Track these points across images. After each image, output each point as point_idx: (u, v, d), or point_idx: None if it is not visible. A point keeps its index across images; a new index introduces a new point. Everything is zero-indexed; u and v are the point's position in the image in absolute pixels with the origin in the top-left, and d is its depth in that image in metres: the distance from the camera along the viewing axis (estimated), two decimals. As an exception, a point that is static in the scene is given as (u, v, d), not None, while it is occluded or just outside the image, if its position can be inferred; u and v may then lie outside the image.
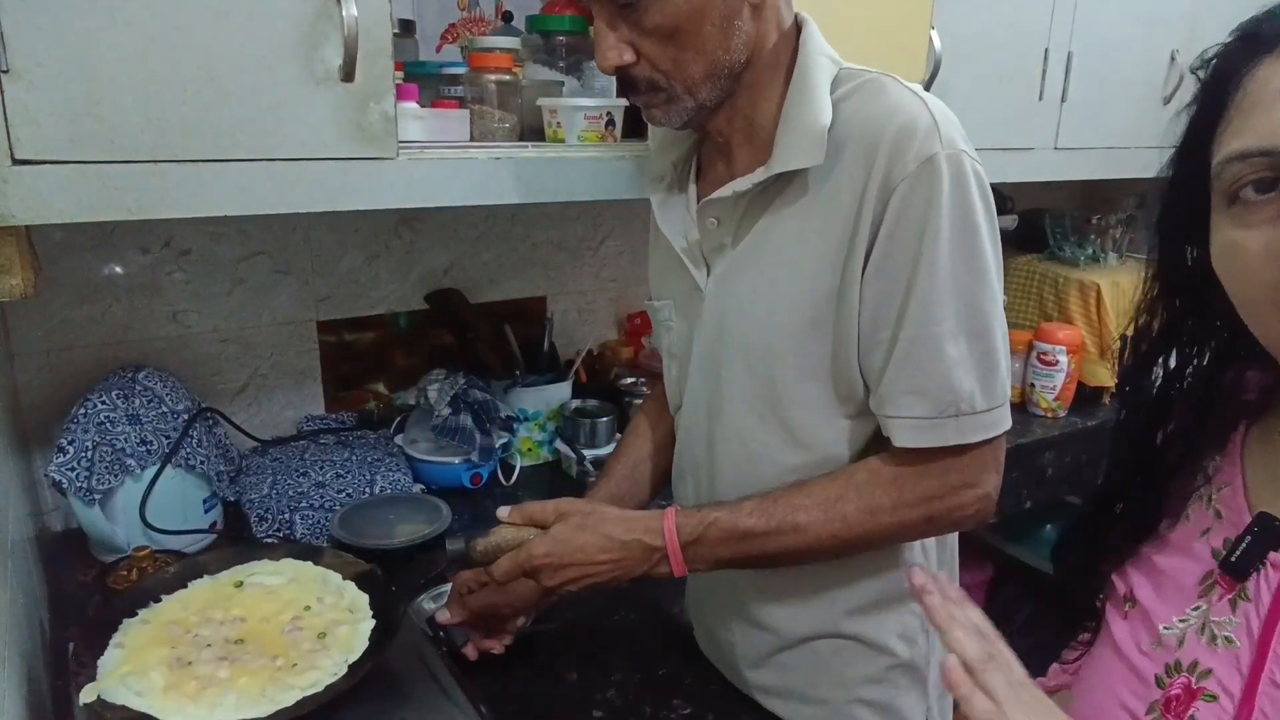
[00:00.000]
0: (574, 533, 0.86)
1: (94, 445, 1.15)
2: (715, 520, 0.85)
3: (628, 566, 0.87)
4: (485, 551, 0.88)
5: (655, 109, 0.86)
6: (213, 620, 0.83)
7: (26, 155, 0.84)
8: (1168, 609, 0.64)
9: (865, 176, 0.79)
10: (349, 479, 1.35)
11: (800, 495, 0.85)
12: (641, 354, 1.79)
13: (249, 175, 0.94)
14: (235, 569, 0.91)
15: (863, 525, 0.84)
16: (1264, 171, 0.53)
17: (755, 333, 0.88)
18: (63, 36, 0.83)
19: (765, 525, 0.85)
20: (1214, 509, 0.65)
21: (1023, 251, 2.15)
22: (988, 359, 0.81)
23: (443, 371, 1.51)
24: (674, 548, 0.86)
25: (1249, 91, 0.55)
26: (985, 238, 0.81)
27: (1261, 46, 0.56)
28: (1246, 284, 0.55)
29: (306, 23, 0.93)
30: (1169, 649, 0.62)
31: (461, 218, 1.60)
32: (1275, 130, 0.53)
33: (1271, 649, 0.57)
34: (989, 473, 0.84)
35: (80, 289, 1.31)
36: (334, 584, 0.89)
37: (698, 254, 0.93)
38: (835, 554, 0.87)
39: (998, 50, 1.62)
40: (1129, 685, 0.64)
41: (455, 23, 1.60)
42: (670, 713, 0.96)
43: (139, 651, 0.79)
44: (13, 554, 0.95)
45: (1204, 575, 0.62)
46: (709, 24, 0.80)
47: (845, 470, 0.87)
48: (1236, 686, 0.58)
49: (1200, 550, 0.64)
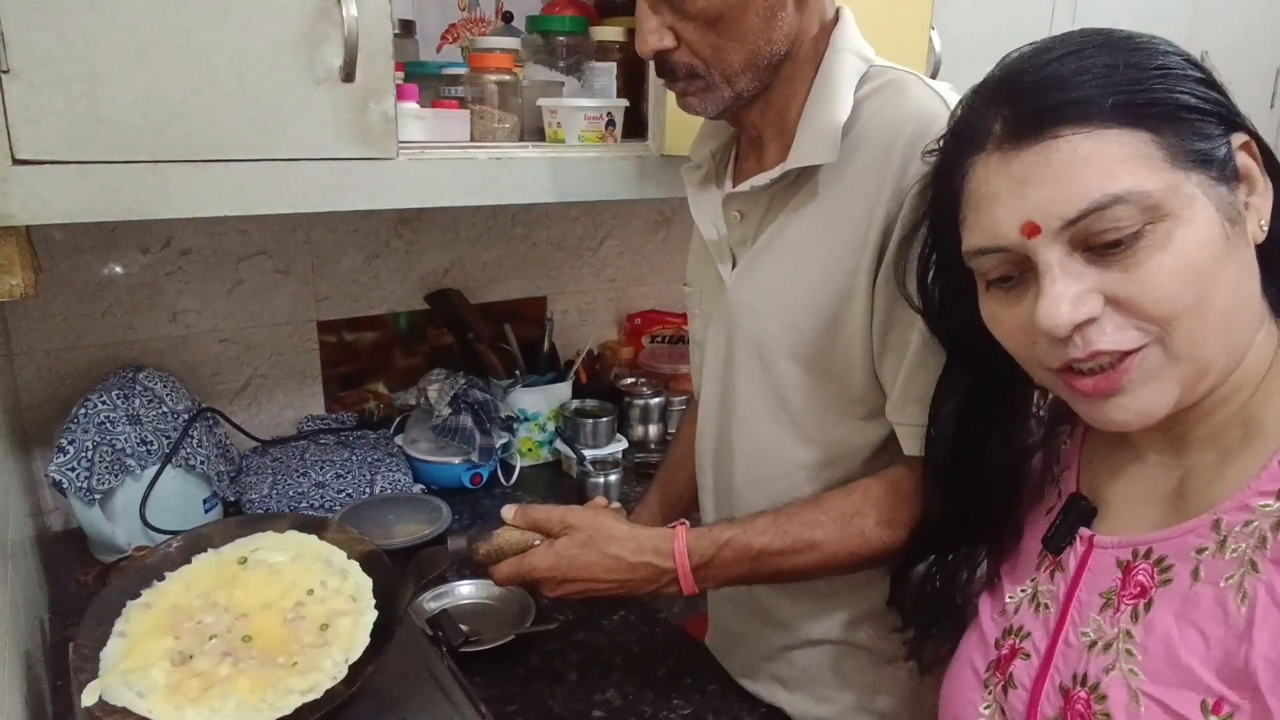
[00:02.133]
0: (580, 550, 0.84)
1: (94, 445, 1.15)
2: (728, 541, 0.84)
3: (634, 587, 0.85)
4: (488, 554, 0.88)
5: (692, 97, 0.85)
6: (216, 605, 0.82)
7: (26, 155, 0.84)
8: (1015, 582, 0.72)
9: (880, 178, 0.78)
10: (349, 479, 1.35)
11: (816, 511, 0.83)
12: (641, 354, 1.79)
13: (249, 175, 0.94)
14: (238, 542, 0.89)
15: (881, 541, 0.82)
16: (1003, 268, 0.61)
17: (766, 329, 0.88)
18: (63, 36, 0.83)
19: (780, 544, 0.83)
20: (1057, 489, 0.73)
21: (1022, 252, 2.15)
22: None
23: (443, 371, 1.51)
24: (684, 569, 0.84)
25: (971, 189, 0.61)
26: None
27: (972, 145, 0.61)
28: (1010, 346, 0.64)
29: (306, 23, 0.93)
30: (1008, 615, 0.70)
31: (461, 218, 1.60)
32: (998, 232, 0.59)
33: (1069, 613, 0.64)
34: None
35: (80, 289, 1.31)
36: (338, 565, 0.88)
37: (724, 247, 0.93)
38: (853, 569, 0.85)
39: (998, 50, 1.60)
40: (979, 648, 0.72)
41: (455, 23, 1.60)
42: (670, 713, 0.96)
43: (141, 642, 0.78)
44: (13, 554, 0.95)
45: (1040, 551, 0.70)
46: (753, 13, 0.79)
47: (863, 484, 0.85)
48: (1044, 645, 0.65)
49: (1041, 527, 0.71)
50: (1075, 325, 0.56)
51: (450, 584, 1.15)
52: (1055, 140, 0.56)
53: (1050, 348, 0.59)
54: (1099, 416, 0.60)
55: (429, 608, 1.11)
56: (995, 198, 0.59)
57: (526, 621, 1.07)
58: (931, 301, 0.73)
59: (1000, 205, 0.59)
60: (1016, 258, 0.59)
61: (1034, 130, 0.57)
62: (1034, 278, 0.58)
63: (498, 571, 0.87)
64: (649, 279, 1.85)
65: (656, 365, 1.75)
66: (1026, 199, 0.57)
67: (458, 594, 1.14)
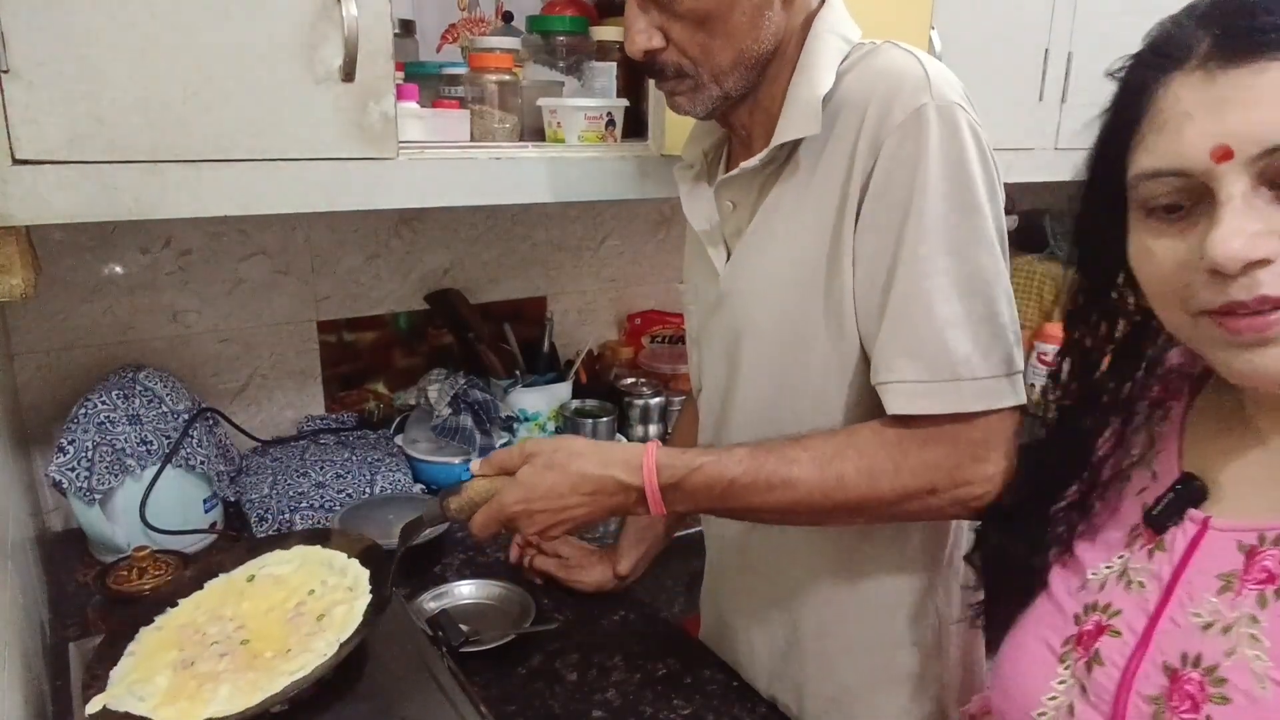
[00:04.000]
0: (542, 473, 0.81)
1: (94, 445, 1.15)
2: (701, 466, 0.80)
3: (603, 503, 0.82)
4: (460, 508, 0.85)
5: (680, 96, 0.86)
6: (222, 618, 0.83)
7: (26, 155, 0.84)
8: (1096, 557, 0.68)
9: (855, 137, 0.78)
10: (349, 479, 1.35)
11: (796, 448, 0.80)
12: (641, 354, 1.79)
13: (249, 175, 0.94)
14: (248, 564, 0.91)
15: (859, 489, 0.78)
16: (1174, 195, 0.57)
17: (761, 310, 0.88)
18: (63, 36, 0.83)
19: (754, 477, 0.79)
20: (1151, 470, 0.69)
21: (1023, 251, 2.15)
22: (989, 323, 0.77)
23: (443, 371, 1.51)
24: (652, 488, 0.80)
25: (1160, 109, 0.57)
26: (982, 194, 0.76)
27: (1170, 61, 0.57)
28: (1158, 283, 0.60)
29: (306, 23, 0.93)
30: (1091, 591, 0.67)
31: (461, 218, 1.60)
32: (1183, 153, 0.55)
33: (1175, 593, 0.61)
34: (997, 449, 0.77)
35: (80, 289, 1.31)
36: (339, 564, 0.89)
37: (718, 236, 0.93)
38: (827, 516, 0.81)
39: (998, 50, 1.62)
40: (1052, 622, 0.68)
41: (455, 23, 1.60)
42: (670, 713, 0.96)
43: (149, 657, 0.79)
44: (13, 554, 0.95)
45: (1132, 528, 0.67)
46: (739, 12, 0.80)
47: (847, 429, 0.82)
48: (1141, 624, 0.62)
49: (1131, 507, 0.68)
50: (1247, 264, 0.53)
51: (450, 584, 1.15)
52: (1270, 63, 0.52)
53: (1210, 285, 0.55)
54: (1243, 366, 0.57)
55: (429, 608, 1.11)
56: (1187, 116, 0.55)
57: (526, 621, 1.07)
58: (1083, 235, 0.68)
59: (1192, 125, 0.55)
60: (1193, 185, 0.55)
61: (1247, 51, 0.53)
62: (1206, 209, 0.55)
63: (474, 524, 0.84)
64: (649, 279, 1.85)
65: (656, 365, 1.75)
66: (1224, 121, 0.53)
67: (458, 594, 1.14)
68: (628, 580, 1.16)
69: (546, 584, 1.17)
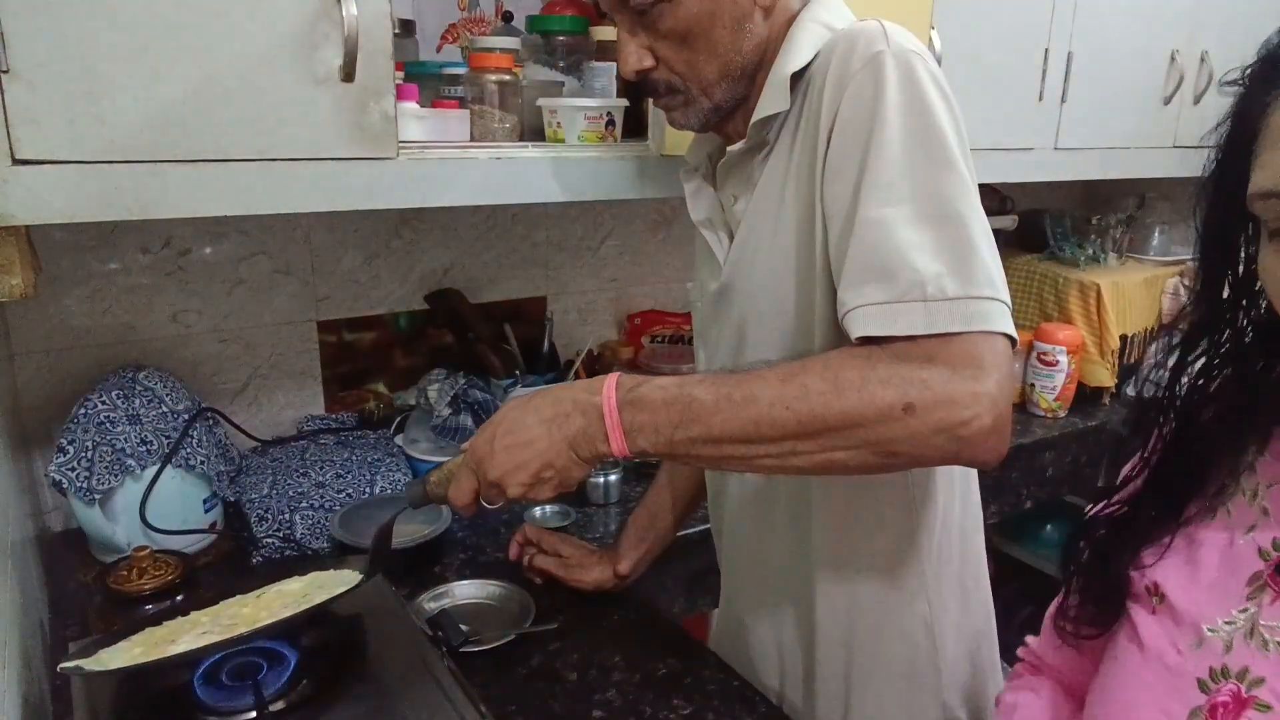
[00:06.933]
0: (504, 410, 0.80)
1: (94, 445, 1.15)
2: (663, 384, 0.76)
3: (563, 429, 0.77)
4: (439, 480, 0.86)
5: (675, 111, 0.89)
6: (220, 617, 0.85)
7: (26, 155, 0.84)
8: (1210, 609, 0.60)
9: (820, 100, 0.78)
10: (349, 479, 1.35)
11: (763, 367, 0.75)
12: (641, 354, 1.79)
13: (249, 175, 0.94)
14: (264, 588, 0.92)
15: (824, 401, 0.70)
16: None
17: (764, 297, 0.88)
18: (63, 36, 0.83)
19: (715, 394, 0.73)
20: (1260, 506, 0.61)
21: (1023, 251, 2.15)
22: (960, 246, 0.71)
23: (443, 371, 1.51)
24: (610, 405, 0.75)
25: (1273, 125, 0.53)
26: (946, 127, 0.74)
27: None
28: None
29: (306, 23, 0.93)
30: (1213, 652, 0.59)
31: (461, 218, 1.60)
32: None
33: None
34: (984, 369, 0.68)
35: (80, 289, 1.31)
36: (345, 577, 0.90)
37: (720, 222, 0.94)
38: (793, 438, 0.72)
39: (998, 50, 1.62)
40: (1166, 687, 0.61)
41: (455, 23, 1.60)
42: (670, 713, 0.96)
43: (138, 644, 0.81)
44: (13, 554, 0.95)
45: (1252, 576, 0.59)
46: (720, 26, 0.83)
47: (817, 354, 0.77)
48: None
49: (1244, 549, 0.61)
50: None
51: (450, 584, 1.15)
52: None
53: None
54: None
55: (429, 608, 1.11)
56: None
57: (526, 621, 1.07)
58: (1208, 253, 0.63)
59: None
60: None
61: None
62: None
63: (451, 494, 0.83)
64: (649, 279, 1.86)
65: (656, 365, 1.75)
66: None
67: (458, 594, 1.14)
68: (628, 580, 1.16)
69: (546, 584, 1.17)
